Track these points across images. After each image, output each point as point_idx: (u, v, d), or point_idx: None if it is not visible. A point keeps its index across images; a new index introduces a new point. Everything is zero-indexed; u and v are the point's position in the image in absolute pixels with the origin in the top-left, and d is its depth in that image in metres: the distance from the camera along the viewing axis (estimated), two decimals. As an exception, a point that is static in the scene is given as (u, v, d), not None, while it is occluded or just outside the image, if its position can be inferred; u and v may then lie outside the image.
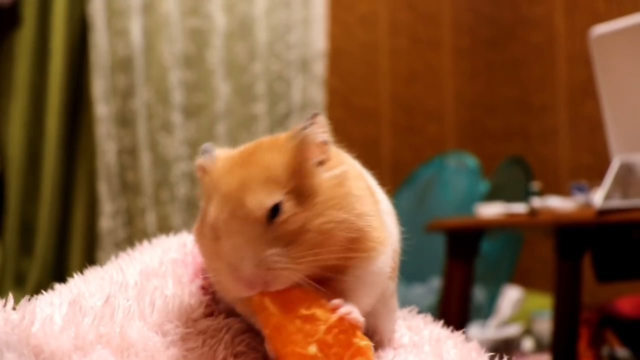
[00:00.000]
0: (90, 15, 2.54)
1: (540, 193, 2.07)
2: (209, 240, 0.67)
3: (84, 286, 0.76)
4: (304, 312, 0.63)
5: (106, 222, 2.50)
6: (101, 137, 2.51)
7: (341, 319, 0.63)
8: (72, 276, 0.81)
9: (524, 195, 2.23)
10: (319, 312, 0.63)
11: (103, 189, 2.52)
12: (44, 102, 2.53)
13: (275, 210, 0.63)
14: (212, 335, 0.70)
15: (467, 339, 0.78)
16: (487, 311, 2.73)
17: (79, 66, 2.59)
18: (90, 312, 0.67)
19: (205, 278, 0.79)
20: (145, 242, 0.91)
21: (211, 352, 0.68)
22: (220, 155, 0.71)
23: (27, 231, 2.53)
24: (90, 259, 2.47)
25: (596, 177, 1.92)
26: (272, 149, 0.67)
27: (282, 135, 0.70)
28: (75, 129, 2.58)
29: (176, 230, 1.07)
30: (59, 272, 2.50)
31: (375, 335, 0.75)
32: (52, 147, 2.49)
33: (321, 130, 0.68)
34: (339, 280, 0.67)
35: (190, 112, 2.70)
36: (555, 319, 2.01)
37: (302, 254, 0.63)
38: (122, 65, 2.58)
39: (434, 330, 0.81)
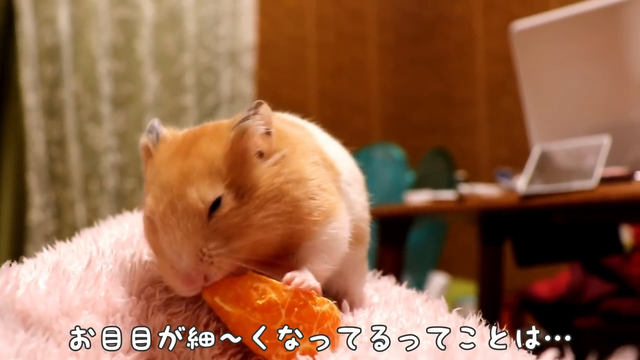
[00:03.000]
0: (16, 1, 2.44)
1: (465, 182, 2.14)
2: (148, 232, 0.66)
3: (59, 256, 0.74)
4: (258, 302, 0.62)
5: (36, 214, 2.42)
6: (30, 128, 2.42)
7: (296, 294, 0.63)
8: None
9: (447, 185, 2.29)
10: (273, 295, 0.62)
11: (33, 181, 2.43)
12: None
13: (215, 204, 0.62)
14: (194, 300, 0.69)
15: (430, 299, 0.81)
16: (414, 297, 2.79)
17: (3, 55, 2.49)
18: (73, 276, 0.66)
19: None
20: (110, 218, 0.90)
21: (194, 317, 0.67)
22: (167, 136, 0.69)
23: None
24: (19, 252, 2.37)
25: (513, 169, 1.99)
26: (213, 139, 0.65)
27: (225, 122, 0.68)
28: (0, 119, 2.49)
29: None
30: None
31: (346, 296, 0.76)
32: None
33: (263, 122, 0.66)
34: (293, 252, 0.68)
35: (119, 103, 2.64)
36: (480, 303, 2.08)
37: (242, 246, 0.63)
38: (50, 54, 2.49)
39: (401, 291, 0.84)
